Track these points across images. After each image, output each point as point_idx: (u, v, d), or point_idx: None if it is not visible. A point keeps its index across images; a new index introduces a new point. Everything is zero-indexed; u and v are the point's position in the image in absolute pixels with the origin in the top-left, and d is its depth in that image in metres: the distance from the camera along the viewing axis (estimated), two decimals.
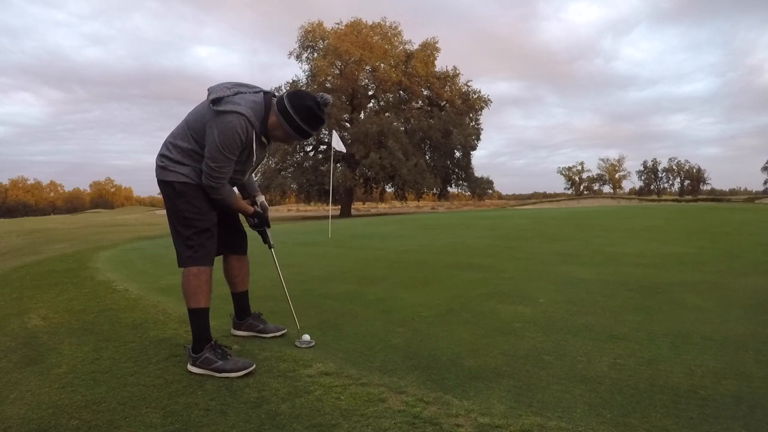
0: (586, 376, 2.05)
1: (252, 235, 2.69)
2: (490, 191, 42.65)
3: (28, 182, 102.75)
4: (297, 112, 2.20)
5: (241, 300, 2.70)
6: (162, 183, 2.30)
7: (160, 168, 2.28)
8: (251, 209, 2.46)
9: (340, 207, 35.90)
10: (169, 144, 2.29)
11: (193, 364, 2.19)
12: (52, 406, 1.89)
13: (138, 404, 1.88)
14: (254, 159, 2.29)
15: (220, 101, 2.13)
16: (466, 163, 37.86)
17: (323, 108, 2.23)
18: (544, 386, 1.95)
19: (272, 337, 2.68)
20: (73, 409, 1.85)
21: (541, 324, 2.83)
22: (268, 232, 2.58)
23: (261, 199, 2.60)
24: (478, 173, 38.69)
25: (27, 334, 2.94)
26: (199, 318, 2.24)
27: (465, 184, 38.48)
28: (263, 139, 2.30)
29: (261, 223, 2.52)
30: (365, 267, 5.28)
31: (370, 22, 36.91)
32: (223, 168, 2.18)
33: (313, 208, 51.07)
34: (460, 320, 2.97)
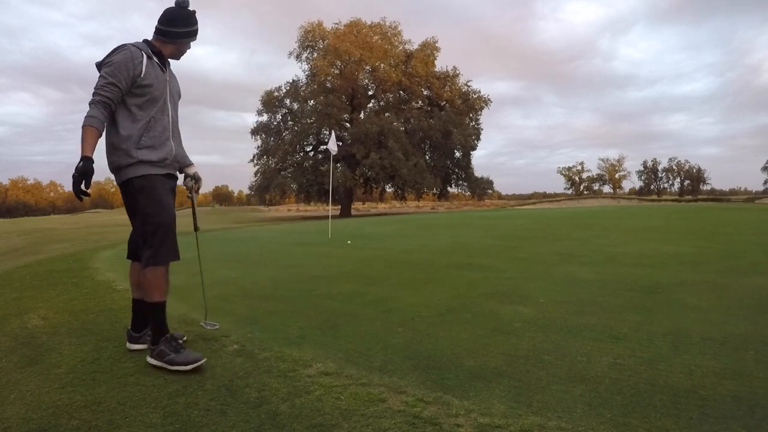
0: (586, 376, 2.05)
1: (249, 236, 2.68)
2: (490, 191, 42.67)
3: (28, 182, 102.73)
4: (165, 24, 2.41)
5: (142, 308, 2.49)
6: (120, 185, 2.37)
7: (113, 171, 2.35)
8: (88, 153, 2.16)
9: (340, 207, 35.90)
10: (108, 147, 2.35)
11: (151, 356, 2.28)
12: (52, 406, 1.89)
13: (138, 404, 1.88)
14: (157, 81, 2.38)
15: (100, 62, 2.32)
16: (466, 163, 37.86)
17: (183, 5, 2.42)
18: (544, 386, 1.95)
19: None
20: (73, 409, 1.85)
21: (541, 324, 2.83)
22: (197, 214, 2.63)
23: (194, 170, 2.65)
24: (478, 173, 38.74)
25: (27, 334, 2.94)
26: (157, 311, 2.31)
27: (465, 184, 38.48)
28: (157, 61, 2.42)
29: (82, 171, 2.12)
30: (365, 267, 5.28)
31: (369, 22, 36.93)
32: (104, 87, 2.23)
33: (313, 208, 51.08)
34: (460, 320, 2.97)
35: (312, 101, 35.51)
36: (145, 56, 2.34)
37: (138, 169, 2.31)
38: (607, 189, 76.62)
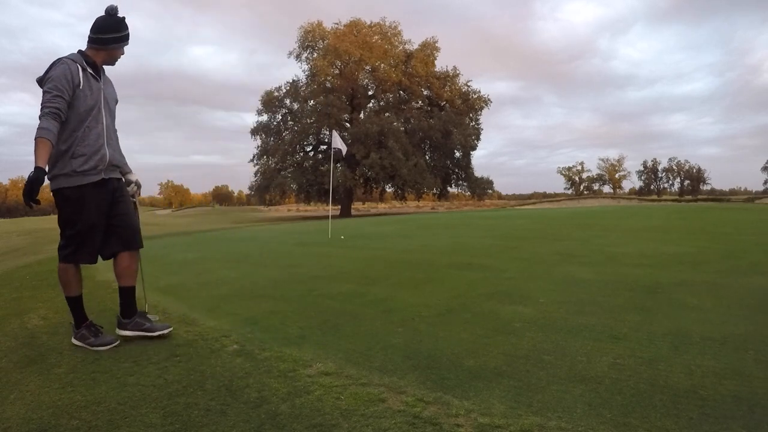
0: (586, 376, 2.05)
1: (249, 236, 2.69)
2: (490, 191, 42.69)
3: None
4: (96, 32, 2.57)
5: (127, 295, 2.72)
6: (53, 191, 2.57)
7: (48, 178, 2.51)
8: (41, 164, 2.28)
9: (340, 207, 35.90)
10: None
11: (74, 338, 2.64)
12: (52, 406, 1.89)
13: (138, 404, 1.88)
14: (91, 91, 2.55)
15: (40, 77, 2.50)
16: (466, 163, 37.88)
17: (112, 13, 2.58)
18: (544, 386, 1.95)
19: (159, 335, 2.69)
20: (73, 409, 1.85)
21: (541, 324, 2.83)
22: (139, 207, 2.91)
23: (135, 177, 2.85)
24: (478, 173, 38.75)
25: (27, 334, 2.94)
26: (73, 303, 2.66)
27: (465, 184, 38.50)
28: (91, 72, 2.58)
29: (33, 180, 2.25)
30: (365, 267, 5.29)
31: (369, 22, 36.92)
32: (51, 100, 2.39)
33: (313, 208, 51.07)
34: (460, 320, 2.97)
35: (312, 101, 35.53)
36: (80, 67, 2.52)
37: (71, 179, 2.52)
38: (607, 189, 76.58)
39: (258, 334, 2.76)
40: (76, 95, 2.48)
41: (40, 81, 2.48)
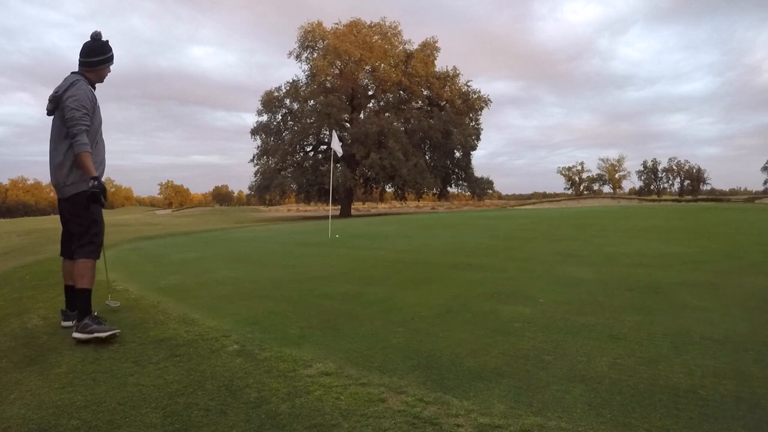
0: (586, 376, 2.05)
1: (250, 236, 2.70)
2: (490, 191, 42.63)
3: (28, 182, 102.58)
4: (86, 56, 2.88)
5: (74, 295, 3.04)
6: (74, 195, 2.83)
7: (69, 184, 2.82)
8: (95, 172, 2.79)
9: (340, 207, 35.90)
10: (59, 166, 2.82)
11: (76, 330, 2.69)
12: (52, 406, 1.89)
13: (138, 404, 1.88)
14: (97, 106, 2.90)
15: (60, 95, 2.78)
16: (466, 163, 37.85)
17: (96, 38, 2.89)
18: (544, 386, 1.95)
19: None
20: (73, 409, 1.85)
21: (541, 324, 2.83)
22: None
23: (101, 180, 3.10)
24: (478, 173, 38.70)
25: (27, 334, 2.94)
26: (87, 296, 2.81)
27: (465, 184, 38.46)
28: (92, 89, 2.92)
29: (102, 188, 2.80)
30: (365, 267, 5.29)
31: (369, 22, 36.91)
32: (82, 118, 2.72)
33: (313, 208, 51.06)
34: (460, 320, 2.97)
35: (312, 101, 35.48)
36: (89, 87, 2.87)
37: (92, 183, 2.79)
38: (607, 189, 76.39)
39: (258, 334, 2.77)
40: (94, 111, 2.84)
41: (59, 98, 2.77)
